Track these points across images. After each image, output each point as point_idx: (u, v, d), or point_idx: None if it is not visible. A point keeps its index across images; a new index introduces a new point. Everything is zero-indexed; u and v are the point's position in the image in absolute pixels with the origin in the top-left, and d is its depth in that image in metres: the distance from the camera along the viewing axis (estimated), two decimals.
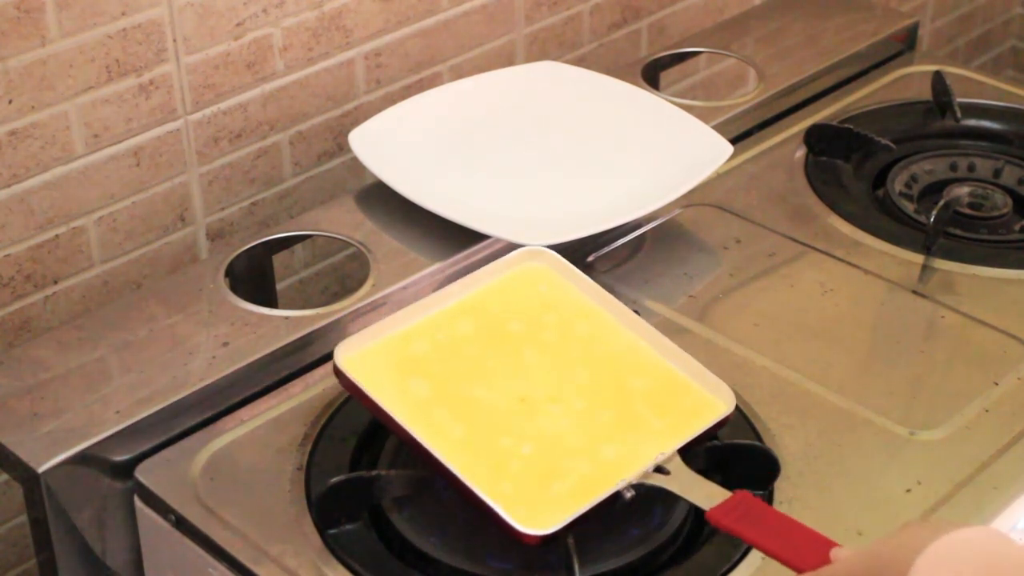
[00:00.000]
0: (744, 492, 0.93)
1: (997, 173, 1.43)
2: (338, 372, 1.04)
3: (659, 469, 0.97)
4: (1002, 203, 1.37)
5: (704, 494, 0.94)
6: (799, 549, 0.84)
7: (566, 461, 0.99)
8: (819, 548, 0.83)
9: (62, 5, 1.17)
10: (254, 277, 1.25)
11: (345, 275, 1.48)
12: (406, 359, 1.05)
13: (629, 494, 0.95)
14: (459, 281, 1.11)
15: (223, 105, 1.32)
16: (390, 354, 1.05)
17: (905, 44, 1.62)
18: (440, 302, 1.10)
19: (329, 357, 1.15)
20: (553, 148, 1.35)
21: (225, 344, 1.12)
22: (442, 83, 1.47)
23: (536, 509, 0.94)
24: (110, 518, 1.07)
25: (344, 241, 1.24)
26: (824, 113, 1.50)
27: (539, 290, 1.12)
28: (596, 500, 0.94)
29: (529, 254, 1.14)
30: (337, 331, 1.16)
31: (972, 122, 1.49)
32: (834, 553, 0.81)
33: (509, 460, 0.99)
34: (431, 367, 1.05)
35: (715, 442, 1.03)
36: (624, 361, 1.07)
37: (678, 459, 0.98)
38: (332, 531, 0.99)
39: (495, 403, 1.03)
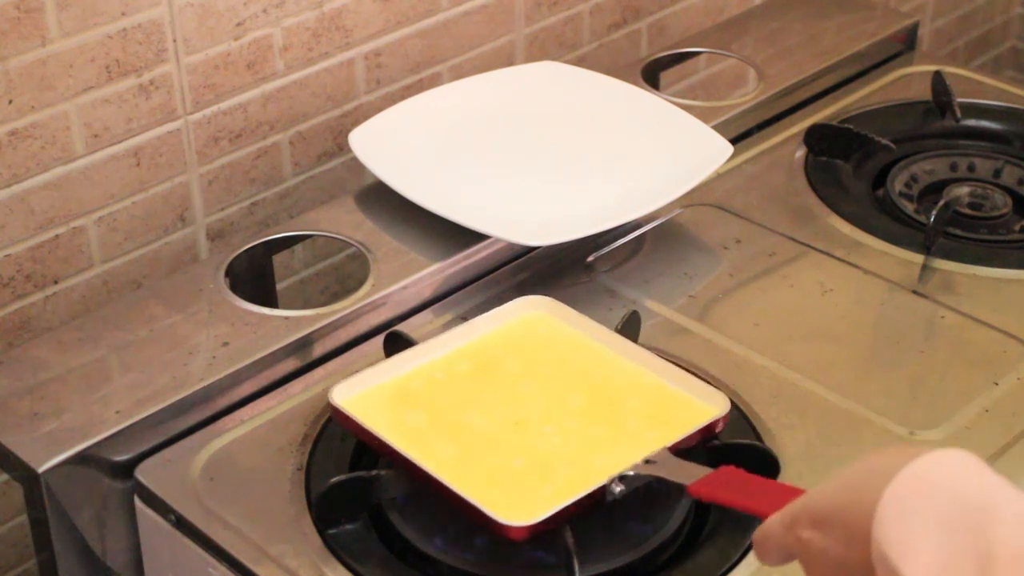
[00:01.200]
0: (728, 467, 0.92)
1: (997, 173, 1.43)
2: (334, 410, 1.03)
3: (648, 463, 0.97)
4: (1002, 203, 1.37)
5: (688, 474, 0.94)
6: (781, 505, 0.82)
7: (557, 468, 0.99)
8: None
9: (62, 5, 1.17)
10: (254, 277, 1.24)
11: (345, 275, 1.48)
12: (402, 395, 1.05)
13: (618, 488, 0.95)
14: (455, 330, 1.11)
15: (223, 105, 1.32)
16: (385, 395, 1.05)
17: (905, 44, 1.62)
18: (436, 349, 1.10)
19: (329, 357, 1.16)
20: (553, 148, 1.35)
21: (225, 344, 1.12)
22: (442, 83, 1.47)
23: (524, 507, 0.94)
24: (110, 518, 1.07)
25: (344, 241, 1.24)
26: (824, 113, 1.50)
27: (538, 333, 1.12)
28: (583, 493, 0.94)
29: (527, 303, 1.14)
30: (337, 331, 1.16)
31: (972, 122, 1.49)
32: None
33: (500, 472, 0.99)
34: (427, 400, 1.05)
35: (715, 442, 1.03)
36: (619, 384, 1.07)
37: (666, 452, 0.97)
38: (332, 531, 0.99)
39: (489, 427, 1.03)
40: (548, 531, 0.94)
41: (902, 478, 0.66)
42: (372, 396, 1.05)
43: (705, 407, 1.03)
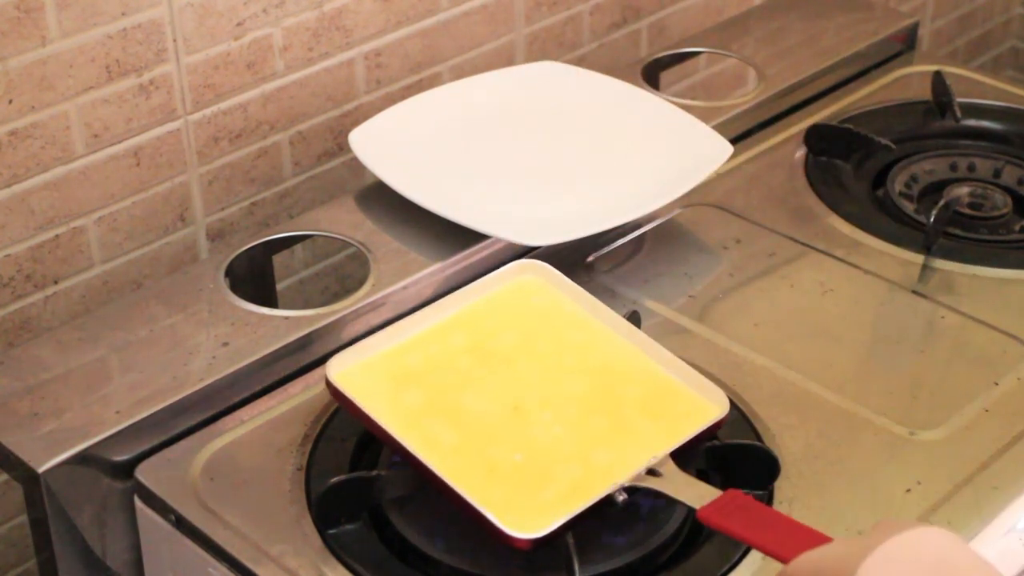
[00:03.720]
0: (735, 491, 0.93)
1: (997, 173, 1.43)
2: (329, 386, 1.03)
3: (652, 472, 0.97)
4: (1002, 203, 1.37)
5: (695, 494, 0.94)
6: (788, 543, 0.84)
7: (558, 467, 0.99)
8: (809, 541, 0.82)
9: (62, 5, 1.17)
10: (254, 277, 1.25)
11: (345, 275, 1.48)
12: (399, 372, 1.05)
13: (621, 497, 0.95)
14: (451, 295, 1.11)
15: (223, 105, 1.32)
16: (382, 368, 1.05)
17: (905, 44, 1.63)
18: (432, 317, 1.09)
19: (329, 357, 1.16)
20: (553, 148, 1.35)
21: (225, 344, 1.12)
22: (442, 83, 1.47)
23: (527, 514, 0.94)
24: (110, 518, 1.07)
25: (344, 241, 1.24)
26: (824, 113, 1.50)
27: (532, 302, 1.12)
28: (587, 503, 0.94)
29: (522, 267, 1.14)
30: (337, 331, 1.16)
31: (972, 122, 1.49)
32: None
33: (500, 467, 0.99)
34: (424, 379, 1.05)
35: (715, 442, 1.03)
36: (618, 369, 1.07)
37: (670, 461, 0.97)
38: (332, 531, 0.99)
39: (488, 412, 1.03)
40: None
41: (878, 552, 0.69)
42: (368, 370, 1.04)
43: (704, 402, 1.03)
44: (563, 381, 1.06)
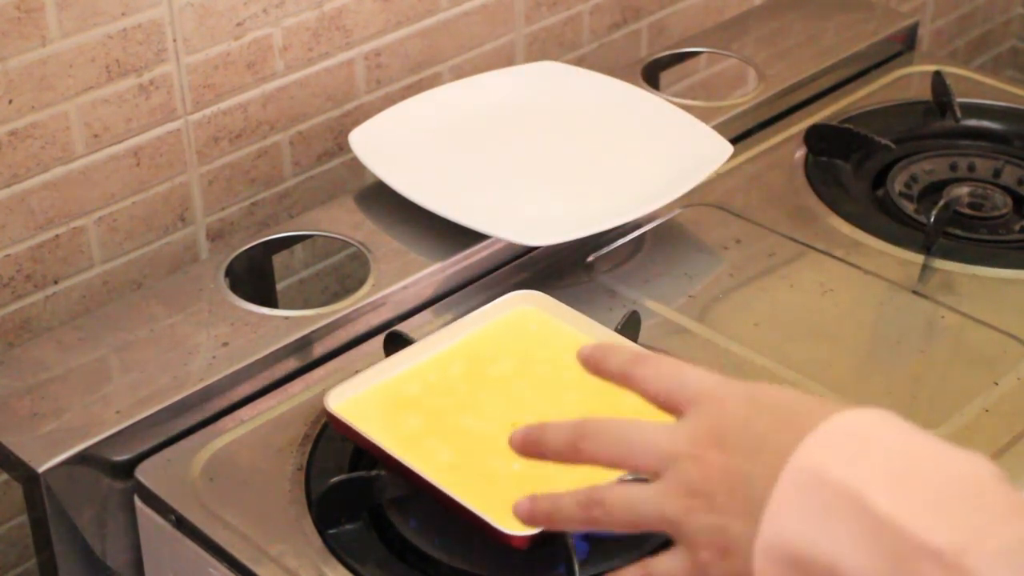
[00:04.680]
0: None
1: (997, 173, 1.43)
2: (329, 416, 1.03)
3: None
4: (1002, 203, 1.37)
5: None
6: None
7: (557, 472, 0.99)
8: None
9: (62, 5, 1.17)
10: (254, 277, 1.25)
11: (345, 275, 1.48)
12: (397, 400, 1.05)
13: None
14: (448, 327, 1.11)
15: (223, 105, 1.32)
16: (381, 397, 1.05)
17: (905, 44, 1.63)
18: (430, 348, 1.09)
19: (329, 357, 1.16)
20: (553, 148, 1.35)
21: (225, 344, 1.12)
22: (442, 83, 1.47)
23: None
24: (110, 518, 1.07)
25: (344, 241, 1.24)
26: (824, 113, 1.50)
27: (530, 330, 1.12)
28: None
29: (519, 298, 1.14)
30: (337, 331, 1.16)
31: (972, 122, 1.49)
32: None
33: (499, 477, 0.98)
34: (422, 404, 1.05)
35: None
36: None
37: None
38: (332, 531, 0.99)
39: (486, 430, 1.03)
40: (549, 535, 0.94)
41: (845, 417, 0.67)
42: (367, 400, 1.05)
43: None
44: (562, 397, 1.06)
